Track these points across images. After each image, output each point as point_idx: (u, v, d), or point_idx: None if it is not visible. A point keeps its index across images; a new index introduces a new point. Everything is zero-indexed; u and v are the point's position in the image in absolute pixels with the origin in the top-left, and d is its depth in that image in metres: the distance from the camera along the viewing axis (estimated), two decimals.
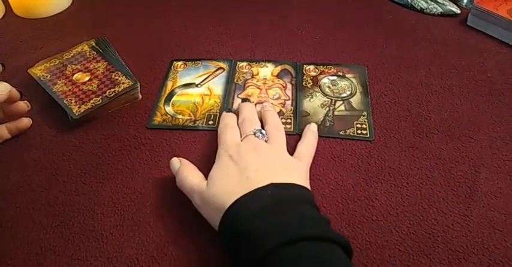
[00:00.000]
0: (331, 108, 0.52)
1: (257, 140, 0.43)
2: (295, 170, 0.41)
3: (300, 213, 0.35)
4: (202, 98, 0.54)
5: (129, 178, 0.46)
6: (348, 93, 0.54)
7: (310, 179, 0.43)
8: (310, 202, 0.37)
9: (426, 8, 0.66)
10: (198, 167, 0.44)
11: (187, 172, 0.42)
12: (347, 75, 0.57)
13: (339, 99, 0.53)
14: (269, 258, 0.31)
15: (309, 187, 0.40)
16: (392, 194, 0.44)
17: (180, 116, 0.52)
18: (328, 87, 0.55)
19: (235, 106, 0.53)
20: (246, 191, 0.36)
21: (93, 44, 0.59)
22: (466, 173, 0.45)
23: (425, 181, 0.45)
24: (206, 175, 0.41)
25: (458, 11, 0.65)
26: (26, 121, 0.51)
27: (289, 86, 0.55)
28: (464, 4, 0.67)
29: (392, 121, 0.51)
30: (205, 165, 0.43)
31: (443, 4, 0.66)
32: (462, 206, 0.42)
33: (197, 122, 0.51)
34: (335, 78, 0.56)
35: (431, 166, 0.46)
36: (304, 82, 0.56)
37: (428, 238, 0.40)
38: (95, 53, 0.57)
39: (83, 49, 0.58)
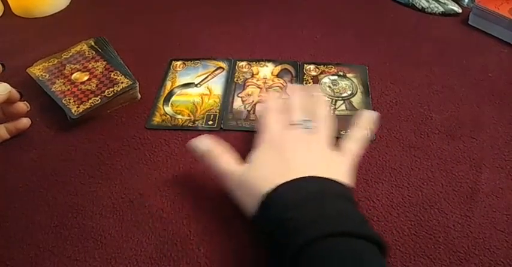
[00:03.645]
0: (331, 107, 0.52)
1: (302, 132, 0.42)
2: (337, 166, 0.40)
3: (337, 208, 0.35)
4: (201, 98, 0.54)
5: (128, 178, 0.46)
6: (349, 92, 0.54)
7: None
8: (349, 197, 0.37)
9: (427, 7, 0.66)
10: (198, 168, 0.44)
11: (222, 153, 0.41)
12: (348, 75, 0.56)
13: (340, 98, 0.53)
14: (304, 250, 0.32)
15: (351, 183, 0.39)
16: (393, 195, 0.43)
17: (179, 116, 0.52)
18: (329, 86, 0.55)
19: (235, 105, 0.53)
20: (286, 179, 0.36)
21: (92, 43, 0.58)
22: (467, 173, 0.45)
23: (427, 181, 0.44)
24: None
25: (460, 10, 0.65)
26: (25, 122, 0.50)
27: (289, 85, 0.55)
28: (465, 3, 0.67)
29: (394, 121, 0.51)
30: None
31: (445, 3, 0.66)
32: (463, 207, 0.42)
33: (197, 122, 0.51)
34: (336, 77, 0.56)
35: (432, 166, 0.46)
36: (304, 82, 0.55)
37: (430, 239, 0.40)
38: (94, 52, 0.57)
39: (81, 48, 0.58)
